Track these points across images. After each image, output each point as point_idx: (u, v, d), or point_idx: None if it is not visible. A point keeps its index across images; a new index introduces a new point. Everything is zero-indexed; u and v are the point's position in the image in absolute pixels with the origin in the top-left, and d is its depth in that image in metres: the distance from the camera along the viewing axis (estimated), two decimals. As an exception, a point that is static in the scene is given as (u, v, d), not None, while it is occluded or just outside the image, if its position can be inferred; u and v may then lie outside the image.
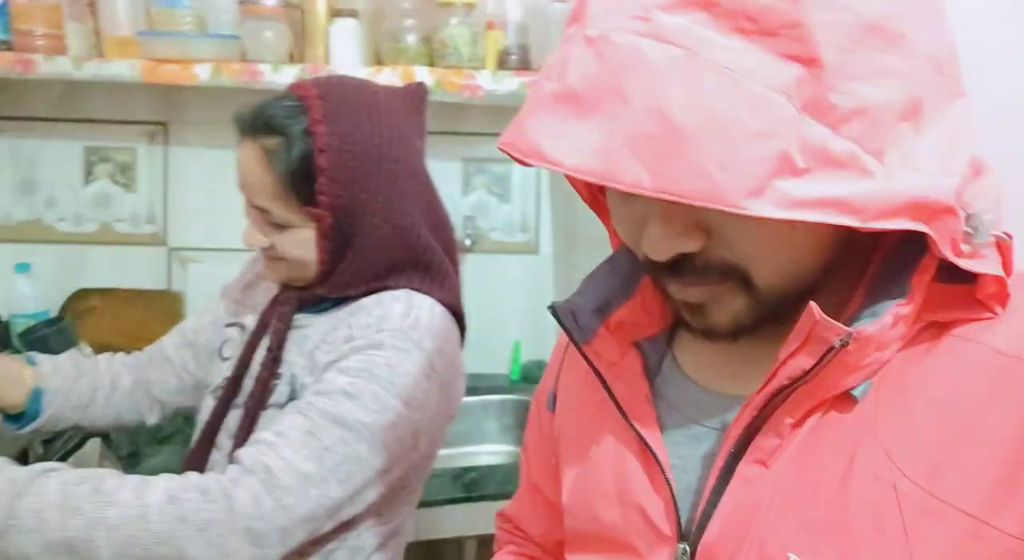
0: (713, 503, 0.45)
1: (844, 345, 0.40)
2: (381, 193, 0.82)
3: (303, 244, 0.82)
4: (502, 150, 0.39)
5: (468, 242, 1.80)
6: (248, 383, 0.86)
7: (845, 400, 0.43)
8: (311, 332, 0.85)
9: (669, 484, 0.48)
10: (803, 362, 0.41)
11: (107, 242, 1.70)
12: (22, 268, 1.59)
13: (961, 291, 0.42)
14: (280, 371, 0.84)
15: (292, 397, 0.82)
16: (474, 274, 1.87)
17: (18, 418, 0.89)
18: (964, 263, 0.39)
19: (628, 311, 0.54)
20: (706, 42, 0.36)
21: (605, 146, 0.36)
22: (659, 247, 0.42)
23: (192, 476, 0.72)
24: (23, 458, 0.88)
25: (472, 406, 1.74)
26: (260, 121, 0.81)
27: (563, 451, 0.60)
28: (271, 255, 0.85)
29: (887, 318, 0.41)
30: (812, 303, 0.40)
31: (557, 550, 0.67)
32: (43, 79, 1.45)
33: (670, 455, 0.49)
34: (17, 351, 1.43)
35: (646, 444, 0.49)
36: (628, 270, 0.55)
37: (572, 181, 0.53)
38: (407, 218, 0.85)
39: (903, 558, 0.39)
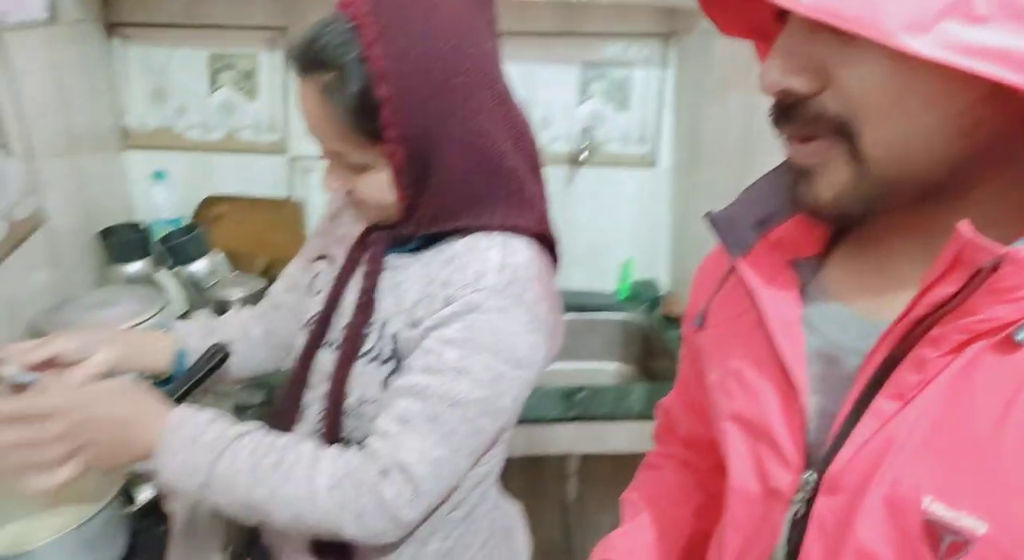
0: (845, 433, 0.45)
1: (994, 268, 0.37)
2: (455, 114, 0.73)
3: (383, 186, 0.77)
4: None
5: (582, 157, 1.73)
6: (337, 322, 0.86)
7: (1005, 342, 0.39)
8: (404, 278, 0.82)
9: (803, 411, 0.47)
10: (947, 288, 0.39)
11: (233, 150, 1.76)
12: (159, 176, 1.68)
13: None
14: (372, 318, 0.83)
15: (395, 355, 0.81)
16: (586, 188, 1.82)
17: (167, 381, 0.94)
18: None
19: (790, 228, 0.53)
20: None
21: None
22: (770, 78, 0.42)
23: (353, 461, 0.77)
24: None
25: (576, 324, 1.74)
26: (311, 55, 0.74)
27: (705, 368, 0.60)
28: (353, 198, 0.81)
29: None
30: (963, 221, 0.37)
31: (699, 447, 0.73)
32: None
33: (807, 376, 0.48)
34: (157, 258, 1.54)
35: (786, 366, 0.48)
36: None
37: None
38: (486, 138, 0.75)
39: None
